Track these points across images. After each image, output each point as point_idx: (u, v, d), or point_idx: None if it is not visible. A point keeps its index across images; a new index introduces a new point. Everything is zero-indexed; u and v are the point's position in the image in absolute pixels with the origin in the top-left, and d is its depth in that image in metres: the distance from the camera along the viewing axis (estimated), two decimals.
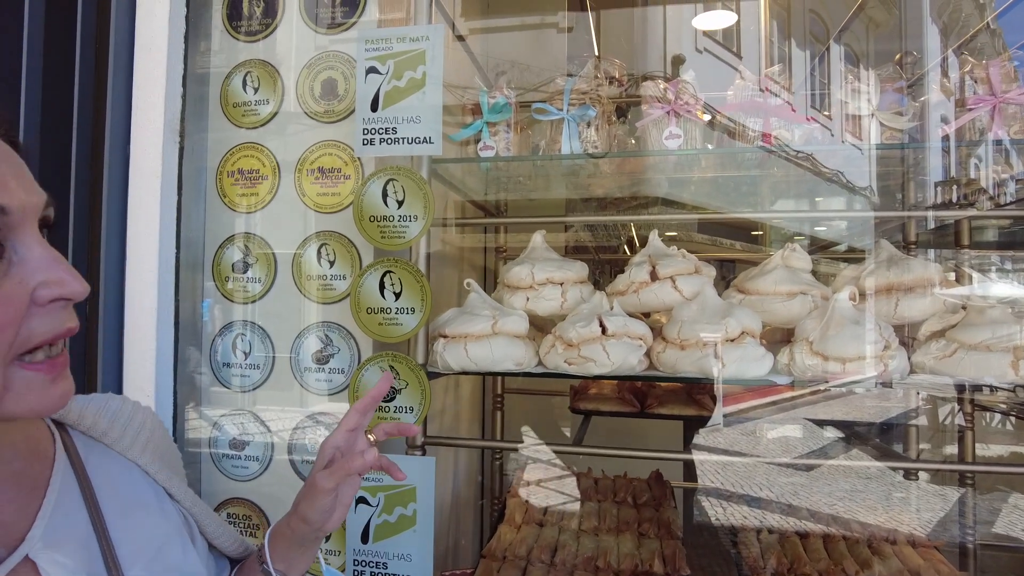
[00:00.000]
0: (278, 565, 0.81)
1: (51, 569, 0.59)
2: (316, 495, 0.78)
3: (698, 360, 1.27)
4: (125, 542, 0.67)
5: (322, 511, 0.78)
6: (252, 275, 1.52)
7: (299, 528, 0.80)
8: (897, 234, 1.86)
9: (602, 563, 1.53)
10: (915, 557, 1.52)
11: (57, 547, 0.61)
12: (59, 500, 0.64)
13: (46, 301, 0.52)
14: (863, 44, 2.58)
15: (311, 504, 0.78)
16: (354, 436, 0.81)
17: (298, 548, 0.82)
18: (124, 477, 0.73)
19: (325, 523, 0.79)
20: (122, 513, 0.69)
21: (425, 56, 1.34)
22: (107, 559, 0.64)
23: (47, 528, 0.61)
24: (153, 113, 1.47)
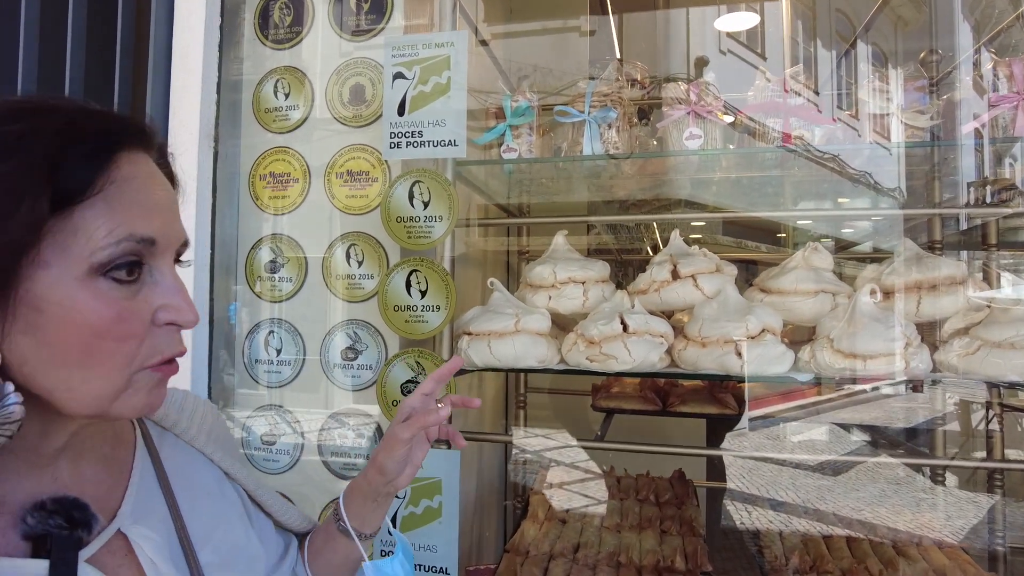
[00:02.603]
0: (352, 522, 0.88)
1: (142, 541, 0.64)
2: (394, 445, 0.85)
3: (719, 358, 1.28)
4: (194, 523, 0.72)
5: (397, 462, 0.86)
6: (283, 275, 1.58)
7: (375, 480, 0.87)
8: (923, 235, 1.84)
9: (624, 559, 1.55)
10: (941, 557, 1.51)
11: (143, 522, 0.67)
12: (141, 482, 0.71)
13: (162, 323, 0.59)
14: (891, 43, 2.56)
15: (389, 454, 0.86)
16: (428, 400, 0.90)
17: (372, 503, 0.89)
18: (191, 464, 0.79)
19: (399, 475, 0.87)
20: (190, 496, 0.75)
21: (450, 61, 1.37)
22: (181, 537, 0.70)
23: (134, 506, 0.67)
24: (189, 119, 1.53)
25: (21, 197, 0.51)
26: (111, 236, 0.55)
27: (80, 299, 0.54)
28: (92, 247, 0.54)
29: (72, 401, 0.57)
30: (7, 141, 0.53)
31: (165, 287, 0.60)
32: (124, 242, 0.56)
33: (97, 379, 0.57)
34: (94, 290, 0.55)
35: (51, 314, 0.54)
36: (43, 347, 0.55)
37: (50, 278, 0.54)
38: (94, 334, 0.55)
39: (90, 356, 0.56)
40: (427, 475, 1.35)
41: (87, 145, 0.56)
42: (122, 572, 0.63)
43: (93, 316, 0.55)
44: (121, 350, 0.57)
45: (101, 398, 0.58)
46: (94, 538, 0.62)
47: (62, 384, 0.56)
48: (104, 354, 0.56)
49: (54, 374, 0.56)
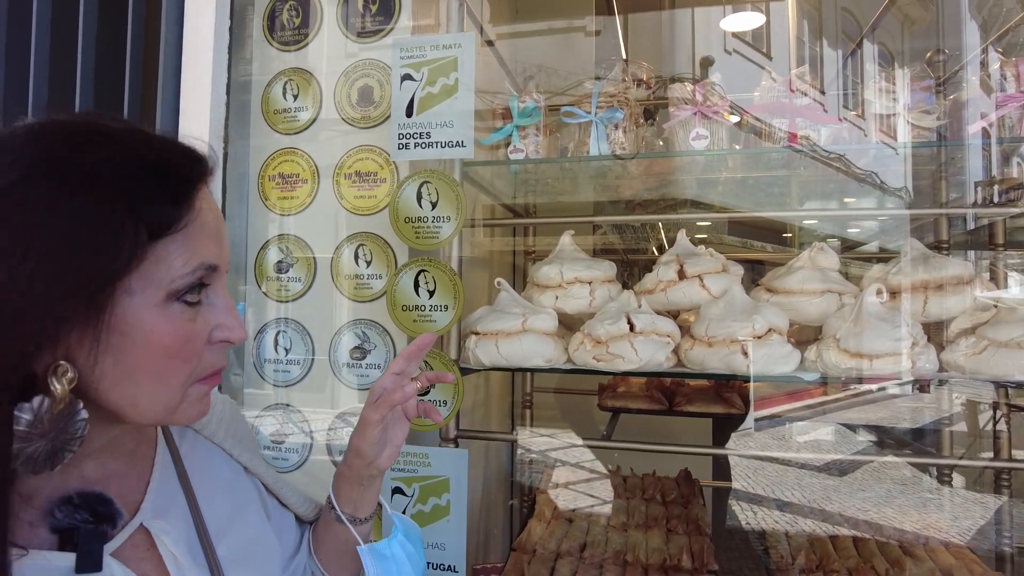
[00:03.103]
0: (345, 508, 0.90)
1: (163, 536, 0.67)
2: (365, 427, 0.87)
3: (725, 357, 1.29)
4: (211, 517, 0.74)
5: (372, 444, 0.86)
6: (292, 275, 1.59)
7: (355, 464, 0.88)
8: (929, 235, 1.84)
9: (631, 558, 1.56)
10: (948, 557, 1.52)
11: (164, 517, 0.69)
12: (161, 477, 0.73)
13: (216, 341, 0.65)
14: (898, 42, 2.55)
15: (362, 437, 0.87)
16: (400, 380, 0.90)
17: (358, 486, 0.90)
18: (209, 459, 0.81)
19: (377, 457, 0.88)
20: (208, 491, 0.77)
21: (457, 63, 1.38)
22: (200, 531, 0.72)
23: (154, 501, 0.70)
24: (199, 120, 1.54)
25: (122, 229, 0.55)
26: (187, 266, 0.60)
27: (158, 323, 0.59)
28: (171, 276, 0.59)
29: (136, 414, 0.62)
30: (106, 169, 0.56)
31: (220, 307, 0.65)
32: (197, 270, 0.61)
33: (162, 395, 0.62)
34: (169, 315, 0.60)
35: (132, 337, 0.58)
36: (120, 366, 0.59)
37: (134, 304, 0.58)
38: (167, 355, 0.60)
39: (161, 374, 0.61)
40: (435, 473, 1.36)
41: (177, 181, 0.61)
42: (144, 566, 0.65)
43: (168, 339, 0.60)
44: (185, 368, 0.63)
45: (163, 411, 0.63)
46: (118, 532, 0.64)
47: (129, 399, 0.61)
48: (172, 372, 0.62)
49: (125, 391, 0.60)
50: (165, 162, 0.61)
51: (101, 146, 0.57)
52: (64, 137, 0.57)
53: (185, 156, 0.63)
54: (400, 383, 0.89)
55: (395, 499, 1.38)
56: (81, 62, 1.58)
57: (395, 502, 1.38)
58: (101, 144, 0.57)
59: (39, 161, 0.55)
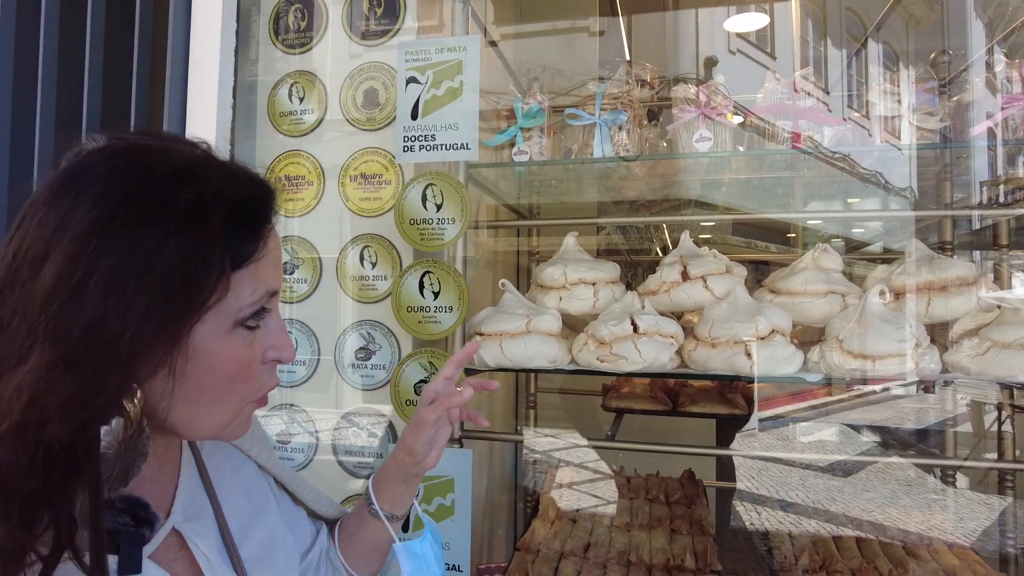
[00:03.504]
0: (384, 505, 0.92)
1: (195, 538, 0.69)
2: (421, 427, 0.90)
3: (729, 358, 1.29)
4: (233, 519, 0.76)
5: (425, 443, 0.90)
6: (298, 276, 1.60)
7: (404, 461, 0.91)
8: (934, 235, 1.84)
9: (634, 558, 1.56)
10: (951, 558, 1.52)
11: (195, 520, 0.71)
12: (188, 480, 0.74)
13: (269, 360, 0.66)
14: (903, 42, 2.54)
15: (416, 436, 0.90)
16: (449, 383, 0.94)
17: (402, 484, 0.93)
18: (228, 460, 0.83)
19: (427, 456, 0.91)
20: (229, 493, 0.78)
21: (462, 65, 1.39)
22: (223, 533, 0.73)
23: (184, 503, 0.71)
24: (206, 123, 1.56)
25: (212, 265, 0.57)
26: (254, 295, 0.62)
27: (224, 349, 0.61)
28: (240, 305, 0.61)
29: (191, 431, 0.64)
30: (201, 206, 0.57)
31: (274, 329, 0.66)
32: (263, 299, 0.63)
33: (220, 415, 0.64)
34: (234, 341, 0.62)
35: (198, 362, 0.60)
36: (183, 388, 0.60)
37: (205, 331, 0.60)
38: (229, 379, 0.62)
39: (220, 396, 0.63)
40: (440, 473, 1.37)
41: (257, 216, 0.63)
42: (176, 567, 0.66)
43: (232, 364, 0.62)
44: (243, 390, 0.65)
45: (216, 429, 0.65)
46: (154, 535, 0.66)
47: (188, 419, 0.63)
48: (230, 394, 0.64)
49: (186, 410, 0.62)
50: (249, 197, 0.63)
51: (193, 182, 0.58)
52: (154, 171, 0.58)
53: (262, 188, 0.65)
54: (450, 387, 0.93)
55: None
56: (89, 64, 1.59)
57: None
58: (193, 180, 0.59)
59: (134, 197, 0.56)
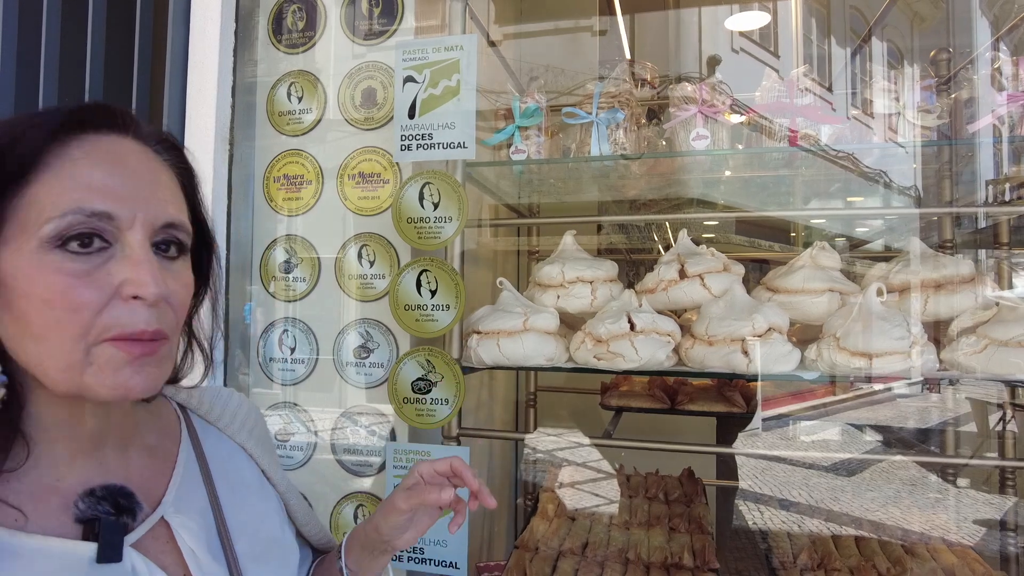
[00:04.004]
0: (351, 565, 0.88)
1: (182, 531, 0.68)
2: (391, 513, 0.84)
3: (726, 356, 1.29)
4: (232, 514, 0.75)
5: (393, 527, 0.84)
6: (297, 275, 1.61)
7: (371, 536, 0.86)
8: (935, 234, 1.84)
9: (632, 556, 1.57)
10: (950, 557, 1.51)
11: (185, 512, 0.70)
12: (184, 472, 0.74)
13: (126, 296, 0.59)
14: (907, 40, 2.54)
15: (385, 518, 0.85)
16: (440, 478, 0.86)
17: (368, 554, 0.87)
18: (232, 459, 0.82)
19: (395, 540, 0.85)
20: (230, 488, 0.77)
21: (459, 65, 1.40)
22: (219, 528, 0.73)
23: (176, 496, 0.71)
24: (205, 122, 1.57)
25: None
26: (56, 209, 0.58)
27: (33, 271, 0.58)
28: (41, 221, 0.58)
29: (45, 375, 0.60)
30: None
31: (131, 261, 0.60)
32: (71, 215, 0.58)
33: (55, 350, 0.59)
34: (46, 262, 0.58)
35: (13, 287, 0.58)
36: (14, 321, 0.59)
37: (11, 253, 0.58)
38: (45, 304, 0.58)
39: (46, 327, 0.58)
40: None
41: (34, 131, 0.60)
42: (164, 558, 0.66)
43: (41, 287, 0.57)
44: (72, 320, 0.58)
45: (66, 371, 0.59)
46: (139, 524, 0.66)
47: (34, 358, 0.59)
48: (56, 324, 0.58)
49: (26, 347, 0.59)
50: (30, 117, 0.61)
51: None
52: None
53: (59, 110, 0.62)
54: (437, 479, 0.86)
55: None
56: (90, 64, 1.60)
57: None
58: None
59: None
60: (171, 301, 0.63)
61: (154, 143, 0.68)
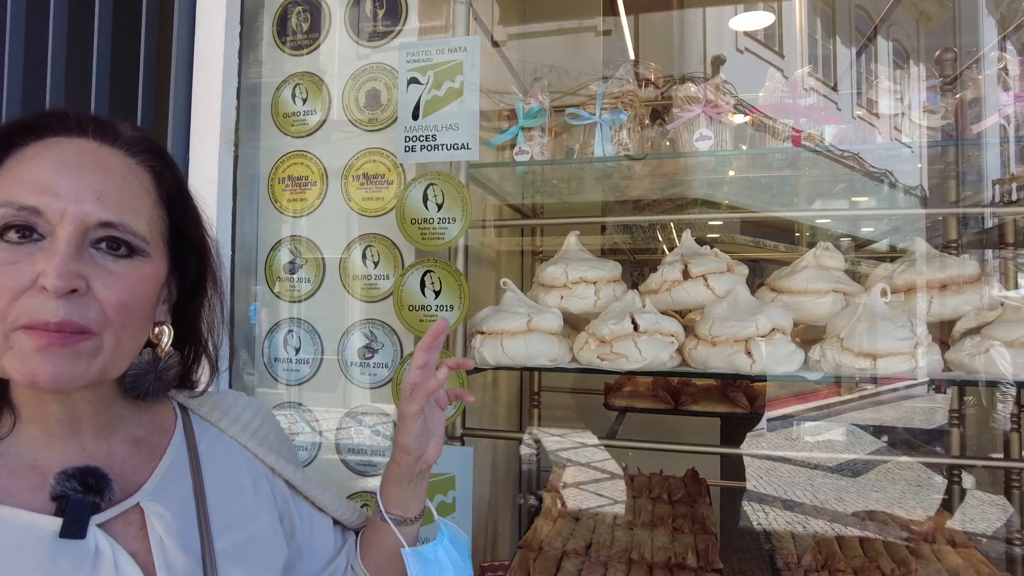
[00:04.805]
0: (393, 509, 0.91)
1: (154, 518, 0.69)
2: (406, 421, 0.89)
3: (729, 356, 1.29)
4: (216, 512, 0.76)
5: (416, 436, 0.89)
6: (302, 275, 1.61)
7: (403, 460, 0.90)
8: (939, 234, 1.83)
9: (636, 556, 1.57)
10: (955, 558, 1.51)
11: (162, 501, 0.71)
12: (171, 466, 0.76)
13: (40, 287, 0.62)
14: (914, 39, 2.53)
15: (405, 432, 0.89)
16: (426, 372, 0.90)
17: (407, 484, 0.91)
18: (228, 458, 0.83)
19: (424, 450, 0.90)
20: (220, 487, 0.79)
21: (463, 66, 1.40)
22: (200, 522, 0.74)
23: (157, 486, 0.73)
24: (210, 124, 1.57)
25: None
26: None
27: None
28: None
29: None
30: None
31: (49, 253, 0.62)
32: (3, 208, 0.62)
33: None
34: None
35: None
36: None
37: None
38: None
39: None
40: (441, 471, 1.38)
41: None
42: (132, 543, 0.67)
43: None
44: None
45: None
46: (111, 506, 0.67)
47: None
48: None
49: None
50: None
51: None
52: None
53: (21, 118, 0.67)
54: (427, 375, 0.90)
55: None
56: (96, 66, 1.61)
57: None
58: None
59: None
60: (99, 296, 0.65)
61: (127, 146, 0.71)
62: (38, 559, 0.62)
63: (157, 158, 0.73)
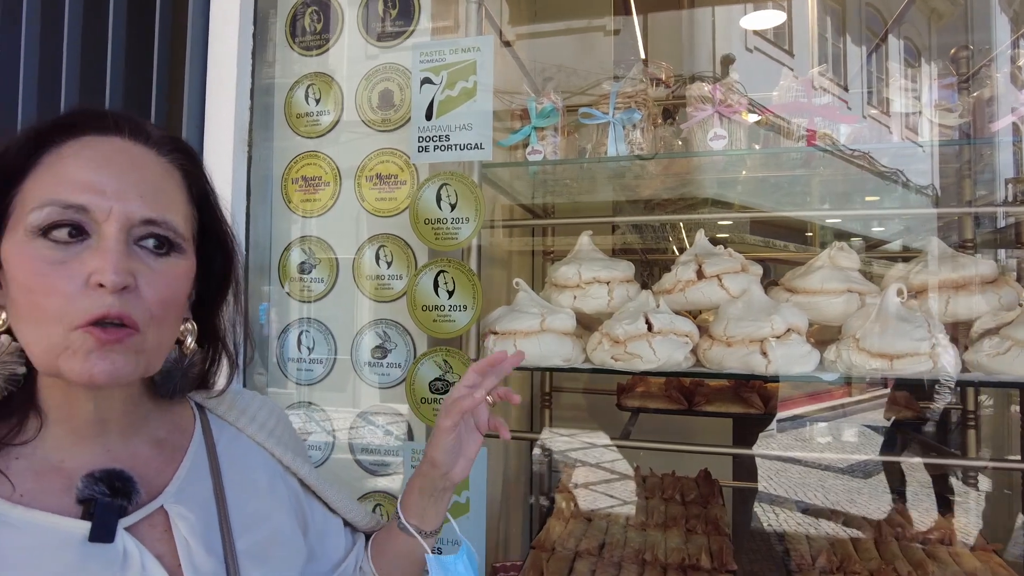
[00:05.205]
0: (412, 519, 0.91)
1: (179, 521, 0.69)
2: (438, 435, 0.88)
3: (744, 357, 1.29)
4: (237, 512, 0.76)
5: (446, 452, 0.88)
6: (315, 276, 1.62)
7: (429, 473, 0.90)
8: (954, 234, 1.82)
9: (649, 557, 1.56)
10: (973, 561, 1.50)
11: (185, 503, 0.71)
12: (192, 466, 0.76)
13: (93, 284, 0.62)
14: (925, 37, 2.51)
15: (436, 446, 0.88)
16: (471, 391, 0.90)
17: (429, 498, 0.91)
18: (246, 458, 0.83)
19: (452, 467, 0.89)
20: (239, 487, 0.79)
21: (476, 66, 1.40)
22: (222, 523, 0.74)
23: (179, 487, 0.73)
24: (224, 125, 1.58)
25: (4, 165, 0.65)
26: (37, 201, 0.63)
27: (19, 257, 0.63)
28: (27, 212, 0.63)
29: (32, 355, 0.65)
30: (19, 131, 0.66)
31: (99, 251, 0.63)
32: (49, 207, 0.63)
33: (37, 333, 0.63)
34: (29, 249, 0.63)
35: (8, 271, 0.64)
36: (11, 304, 0.65)
37: (8, 242, 0.65)
38: (26, 289, 0.63)
39: (28, 310, 0.63)
40: None
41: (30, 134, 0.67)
42: (160, 546, 0.67)
43: (22, 272, 0.63)
44: (49, 305, 0.62)
45: (46, 354, 0.63)
46: (136, 509, 0.67)
47: (24, 337, 0.64)
48: (36, 308, 0.62)
49: (19, 329, 0.65)
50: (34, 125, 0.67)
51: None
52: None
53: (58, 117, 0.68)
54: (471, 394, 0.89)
55: None
56: (111, 67, 1.62)
57: None
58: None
59: None
60: (143, 294, 0.65)
61: (158, 146, 0.72)
62: (67, 563, 0.62)
63: (187, 157, 0.74)
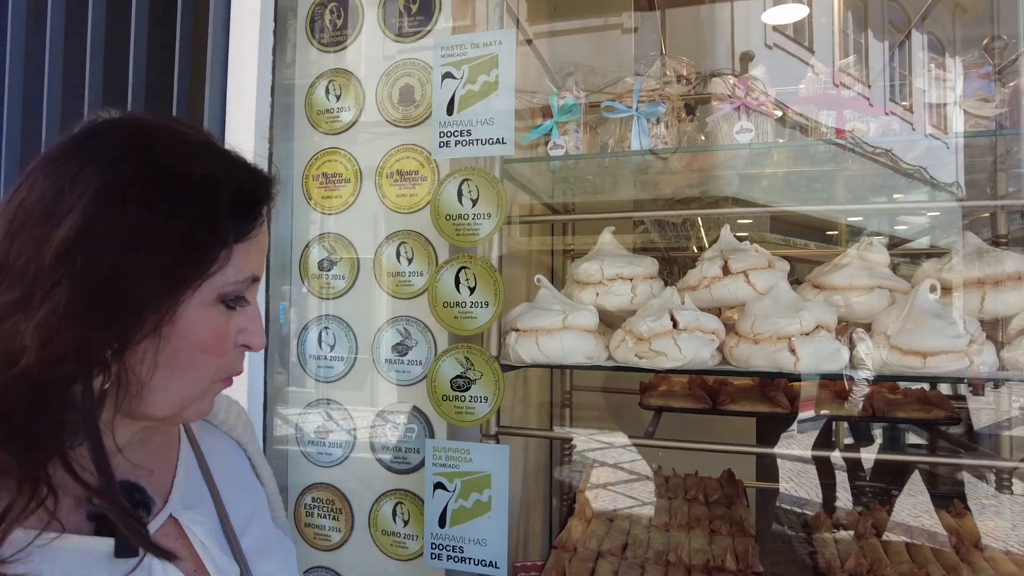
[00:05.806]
0: None
1: (193, 526, 0.69)
2: None
3: (772, 354, 1.26)
4: (234, 510, 0.76)
5: None
6: (336, 273, 1.62)
7: None
8: (984, 229, 1.77)
9: (673, 558, 1.54)
10: (1009, 565, 1.45)
11: (192, 508, 0.72)
12: (187, 470, 0.76)
13: (240, 344, 0.68)
14: (949, 31, 2.46)
15: None
16: None
17: None
18: (229, 456, 0.84)
19: None
20: (230, 486, 0.79)
21: (498, 60, 1.39)
22: (224, 523, 0.74)
23: (182, 493, 0.73)
24: (245, 122, 1.58)
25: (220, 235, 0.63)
26: (240, 275, 0.66)
27: (202, 319, 0.64)
28: (226, 281, 0.65)
29: (162, 399, 0.65)
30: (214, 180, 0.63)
31: (249, 314, 0.69)
32: (246, 280, 0.67)
33: (188, 385, 0.66)
34: (211, 313, 0.65)
35: (179, 326, 0.63)
36: (162, 350, 0.63)
37: (193, 300, 0.63)
38: (203, 349, 0.65)
39: (191, 365, 0.65)
40: (477, 469, 1.37)
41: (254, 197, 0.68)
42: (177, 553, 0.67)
43: (205, 334, 0.65)
44: (213, 364, 0.67)
45: (182, 400, 0.66)
46: (150, 521, 0.67)
47: (161, 383, 0.64)
48: (200, 366, 0.66)
49: (161, 375, 0.64)
50: (251, 179, 0.68)
51: (205, 159, 0.65)
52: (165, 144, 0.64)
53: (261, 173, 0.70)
54: None
55: (437, 494, 1.39)
56: (133, 66, 1.63)
57: (437, 497, 1.39)
58: (204, 157, 0.65)
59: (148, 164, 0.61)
60: None
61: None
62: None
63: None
